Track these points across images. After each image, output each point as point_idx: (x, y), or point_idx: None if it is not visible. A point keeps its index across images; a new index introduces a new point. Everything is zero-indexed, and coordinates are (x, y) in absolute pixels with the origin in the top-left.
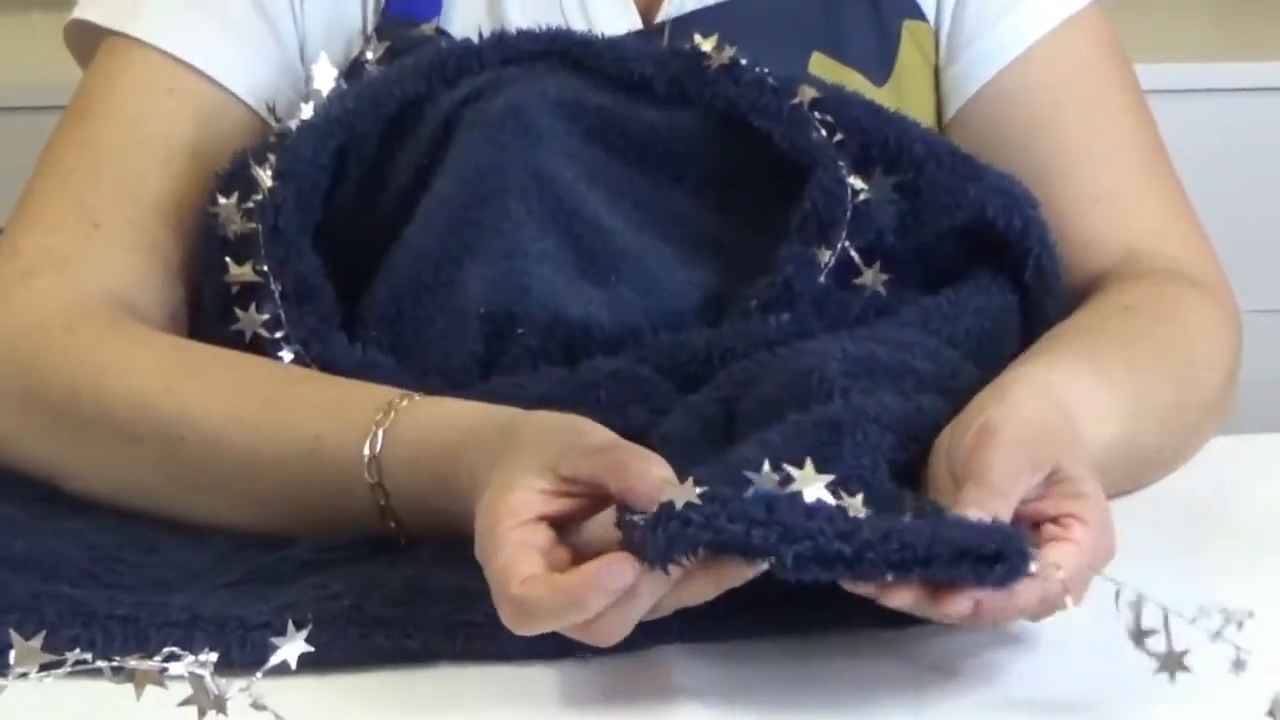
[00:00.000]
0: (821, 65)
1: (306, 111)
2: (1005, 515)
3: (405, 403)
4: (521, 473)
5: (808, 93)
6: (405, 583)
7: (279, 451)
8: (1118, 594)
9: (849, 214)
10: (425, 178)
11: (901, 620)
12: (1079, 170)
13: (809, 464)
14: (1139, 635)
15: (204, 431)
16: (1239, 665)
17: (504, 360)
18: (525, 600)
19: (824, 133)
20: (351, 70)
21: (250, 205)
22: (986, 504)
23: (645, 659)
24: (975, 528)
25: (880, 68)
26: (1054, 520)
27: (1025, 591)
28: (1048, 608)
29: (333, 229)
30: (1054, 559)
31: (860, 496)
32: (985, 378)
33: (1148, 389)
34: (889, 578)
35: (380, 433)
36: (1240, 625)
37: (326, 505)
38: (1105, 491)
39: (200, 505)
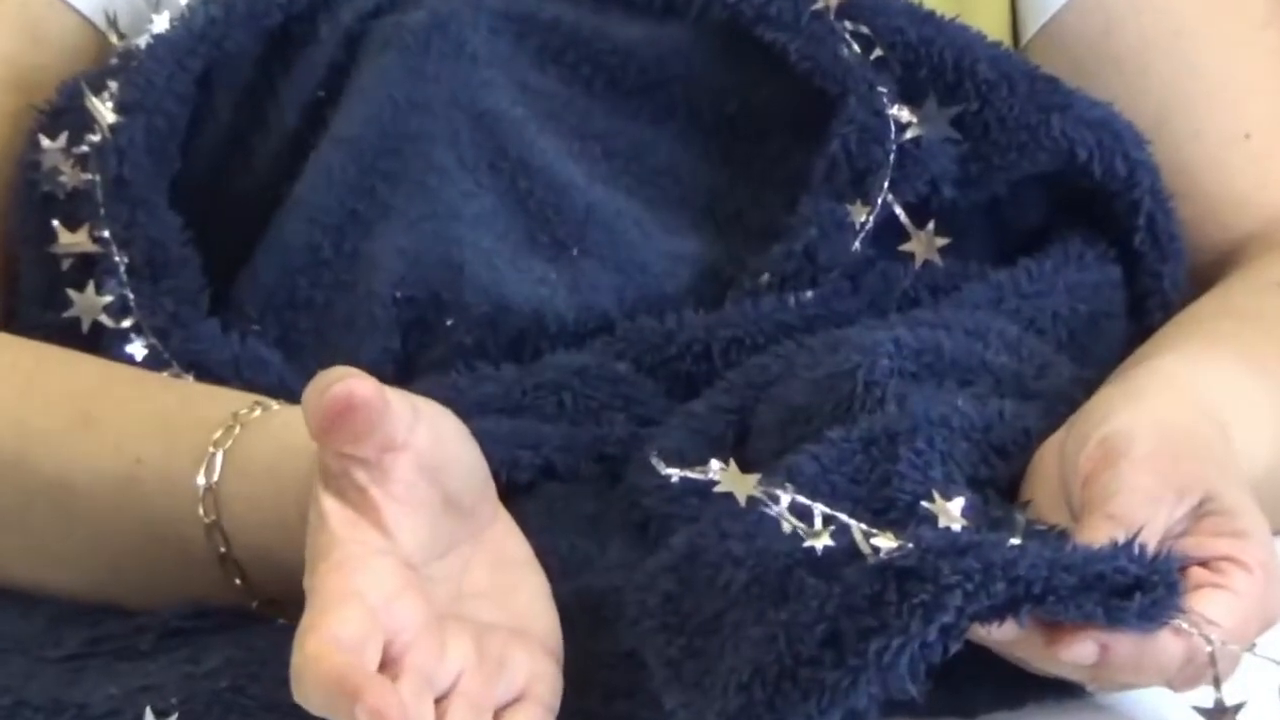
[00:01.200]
0: None
1: (160, 24)
2: None
3: (256, 413)
4: None
5: None
6: None
7: (91, 480)
8: None
9: (892, 158)
10: (320, 115)
11: (969, 707)
12: (1217, 102)
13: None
14: None
15: None
16: None
17: (428, 358)
18: None
19: (857, 49)
20: None
21: (85, 150)
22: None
23: None
24: (1107, 549)
25: None
26: (1204, 565)
27: (1168, 644)
28: (1194, 674)
29: (198, 182)
30: (1205, 610)
31: (960, 502)
32: (1082, 378)
33: None
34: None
35: (219, 455)
36: None
37: (154, 555)
38: None
39: None
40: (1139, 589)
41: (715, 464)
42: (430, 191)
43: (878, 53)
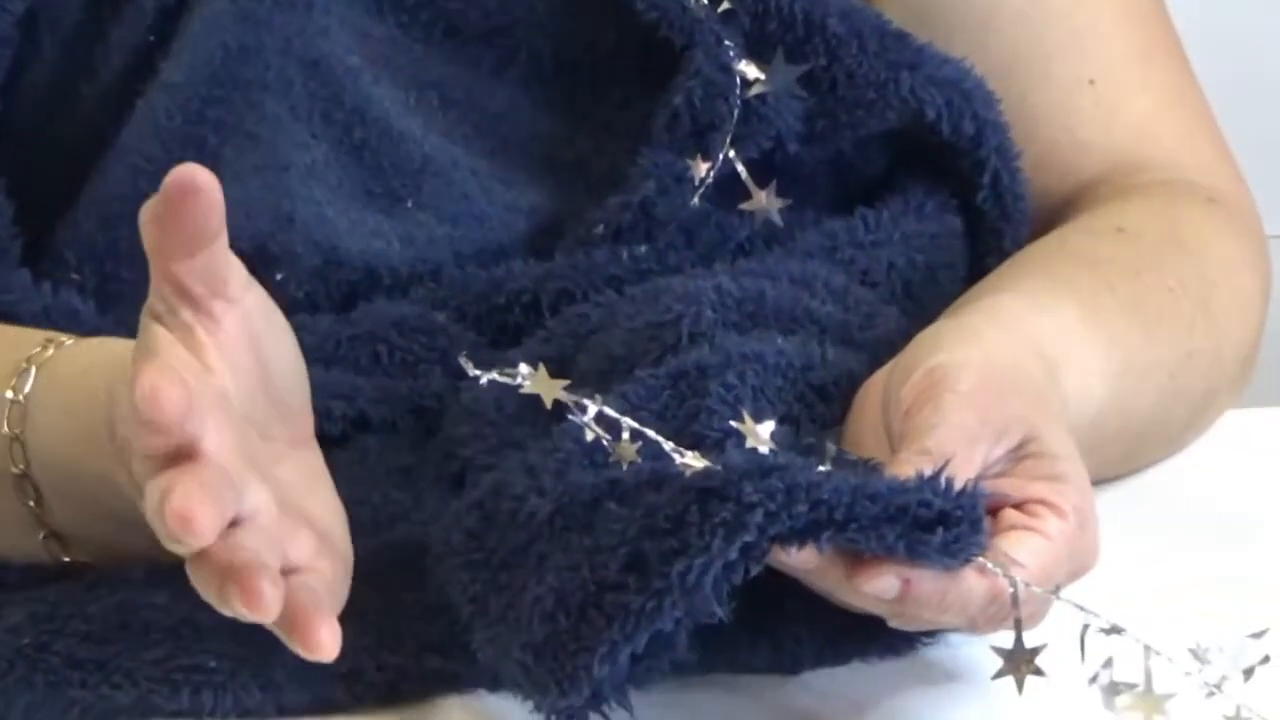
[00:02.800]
0: None
1: None
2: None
3: (71, 341)
4: None
5: None
6: (109, 613)
7: None
8: (1085, 627)
9: (736, 113)
10: (150, 61)
11: (792, 664)
12: (1064, 47)
13: None
14: (1112, 689)
15: None
16: None
17: None
18: None
19: (705, 0)
20: None
21: None
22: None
23: None
24: (913, 482)
25: None
26: (1018, 507)
27: (971, 582)
28: (997, 615)
29: (17, 129)
30: (1013, 552)
31: (770, 425)
32: (913, 330)
33: (1152, 340)
34: (794, 548)
35: (32, 370)
36: (1249, 674)
37: None
38: (1090, 474)
39: None
40: (942, 524)
41: (524, 367)
42: (261, 142)
43: (725, 5)
